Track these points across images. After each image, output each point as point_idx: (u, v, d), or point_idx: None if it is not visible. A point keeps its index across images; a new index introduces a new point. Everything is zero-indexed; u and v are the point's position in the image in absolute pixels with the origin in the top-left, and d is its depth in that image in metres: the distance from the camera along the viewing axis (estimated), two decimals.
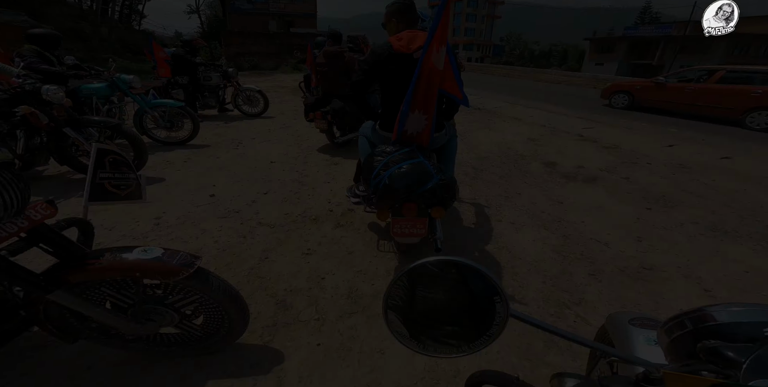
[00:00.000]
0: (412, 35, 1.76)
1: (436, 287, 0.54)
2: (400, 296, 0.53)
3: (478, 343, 0.50)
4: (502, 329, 0.49)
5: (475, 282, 0.52)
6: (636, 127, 6.06)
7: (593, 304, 1.77)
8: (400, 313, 0.53)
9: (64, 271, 1.03)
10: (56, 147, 2.82)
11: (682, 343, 0.45)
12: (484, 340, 0.50)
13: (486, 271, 0.49)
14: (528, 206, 2.83)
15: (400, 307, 0.53)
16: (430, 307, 0.54)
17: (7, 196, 0.90)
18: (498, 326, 0.49)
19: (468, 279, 0.52)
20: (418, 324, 0.53)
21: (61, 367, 1.29)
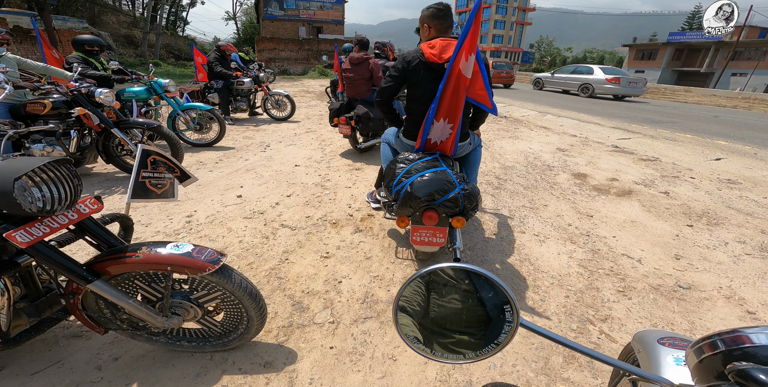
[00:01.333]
0: (445, 44, 1.73)
1: (449, 296, 0.55)
2: (417, 302, 0.55)
3: (486, 350, 0.51)
4: (510, 338, 0.50)
5: (486, 291, 0.53)
6: (680, 138, 5.70)
7: (620, 322, 1.69)
8: (415, 318, 0.54)
9: (104, 263, 1.11)
10: (104, 146, 3.05)
11: (712, 365, 0.43)
12: (491, 348, 0.51)
13: (497, 279, 0.50)
14: (554, 219, 2.73)
15: (417, 312, 0.54)
16: (443, 315, 0.55)
17: (62, 190, 0.99)
18: (507, 335, 0.50)
19: (480, 288, 0.53)
20: (430, 330, 0.54)
21: (91, 357, 1.37)
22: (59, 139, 2.75)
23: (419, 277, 0.52)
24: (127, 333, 1.32)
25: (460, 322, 0.54)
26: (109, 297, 1.10)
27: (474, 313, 0.53)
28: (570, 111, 8.30)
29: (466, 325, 0.54)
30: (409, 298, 0.54)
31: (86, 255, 1.92)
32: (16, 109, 2.74)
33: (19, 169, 0.89)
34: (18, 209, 0.89)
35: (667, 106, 10.48)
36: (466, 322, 0.54)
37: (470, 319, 0.54)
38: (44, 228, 0.98)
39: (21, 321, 1.16)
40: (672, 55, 29.01)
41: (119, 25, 22.45)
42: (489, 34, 54.07)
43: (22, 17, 12.51)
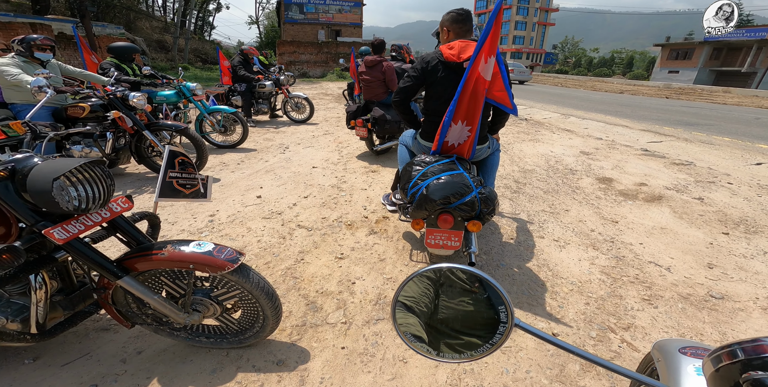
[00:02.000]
0: (464, 45, 1.76)
1: (459, 298, 0.55)
2: (425, 303, 0.56)
3: (481, 350, 0.51)
4: (505, 339, 0.50)
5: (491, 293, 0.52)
6: (717, 141, 5.38)
7: (644, 331, 1.63)
8: (422, 318, 0.55)
9: (133, 259, 1.17)
10: (136, 148, 3.23)
11: (729, 374, 0.41)
12: (486, 348, 0.51)
13: (492, 280, 0.50)
14: (575, 224, 2.64)
15: (424, 313, 0.55)
16: (452, 317, 0.56)
17: (97, 190, 1.05)
18: (501, 336, 0.50)
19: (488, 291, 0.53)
20: (437, 331, 0.55)
21: (117, 350, 1.45)
22: (96, 140, 2.94)
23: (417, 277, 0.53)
24: (152, 327, 1.38)
25: (469, 324, 0.55)
26: (136, 292, 1.16)
27: (483, 315, 0.54)
28: (596, 113, 8.01)
29: (475, 327, 0.54)
30: (417, 298, 0.55)
31: (117, 252, 2.03)
32: (58, 112, 2.95)
33: (57, 169, 0.95)
34: (56, 207, 0.95)
35: (704, 108, 9.92)
36: (475, 324, 0.54)
37: (479, 321, 0.54)
38: (79, 225, 1.05)
39: (56, 314, 1.24)
40: (710, 55, 27.39)
41: (152, 31, 23.69)
42: (510, 35, 53.05)
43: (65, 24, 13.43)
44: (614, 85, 17.51)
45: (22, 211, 0.97)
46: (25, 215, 0.98)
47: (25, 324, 1.14)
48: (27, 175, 0.95)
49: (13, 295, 1.18)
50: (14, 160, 0.99)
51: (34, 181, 0.94)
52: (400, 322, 0.53)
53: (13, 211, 0.97)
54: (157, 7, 30.59)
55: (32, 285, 1.09)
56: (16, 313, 1.14)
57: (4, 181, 0.95)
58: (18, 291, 1.18)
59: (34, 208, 1.00)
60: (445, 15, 1.88)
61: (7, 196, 0.96)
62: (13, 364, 1.35)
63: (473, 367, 1.41)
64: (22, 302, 1.17)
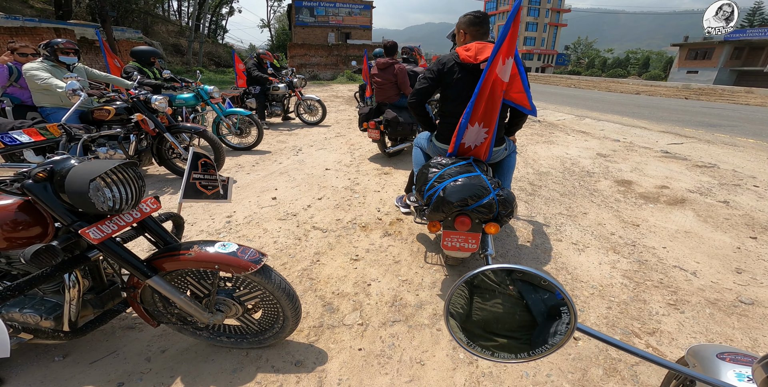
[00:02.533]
0: (480, 46, 1.75)
1: (493, 300, 0.55)
2: (461, 305, 0.57)
3: (540, 351, 0.51)
4: (567, 339, 0.49)
5: (534, 295, 0.52)
6: (741, 143, 5.21)
7: (671, 336, 1.59)
8: (458, 320, 0.55)
9: (161, 259, 1.20)
10: (157, 150, 3.31)
11: None
12: (545, 349, 0.51)
13: (554, 281, 0.50)
14: (594, 227, 2.59)
15: (460, 315, 0.56)
16: (486, 319, 0.56)
17: (129, 191, 1.08)
18: (563, 336, 0.49)
19: (526, 293, 0.53)
20: (472, 333, 0.55)
21: (142, 349, 1.48)
22: (120, 142, 3.03)
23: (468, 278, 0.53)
24: (176, 327, 1.41)
25: (504, 326, 0.54)
26: (164, 292, 1.19)
27: (519, 317, 0.54)
28: (612, 114, 7.85)
29: (510, 329, 0.54)
30: (453, 301, 0.55)
31: (141, 251, 2.08)
32: (85, 115, 3.05)
33: (93, 171, 0.99)
34: (91, 208, 0.98)
35: (726, 109, 9.62)
36: (510, 326, 0.54)
37: (515, 323, 0.54)
38: (113, 226, 1.08)
39: (87, 311, 1.28)
40: (730, 54, 26.56)
41: (168, 35, 24.30)
42: (521, 36, 52.38)
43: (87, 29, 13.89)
44: (630, 86, 17.12)
45: (60, 212, 1.01)
46: (62, 215, 1.01)
47: (58, 321, 1.18)
48: (65, 176, 0.99)
49: (47, 293, 1.22)
50: (53, 162, 1.03)
51: (71, 182, 0.97)
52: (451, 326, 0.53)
53: (51, 211, 1.01)
54: (172, 11, 31.43)
55: (66, 283, 1.13)
56: (50, 310, 1.18)
57: (43, 181, 0.99)
58: (52, 289, 1.22)
59: (71, 208, 1.03)
60: (461, 17, 1.88)
61: (46, 197, 1.00)
62: (43, 361, 1.40)
63: (492, 370, 1.40)
64: (56, 300, 1.22)
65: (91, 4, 18.64)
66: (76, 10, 18.05)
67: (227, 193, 1.75)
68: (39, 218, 1.04)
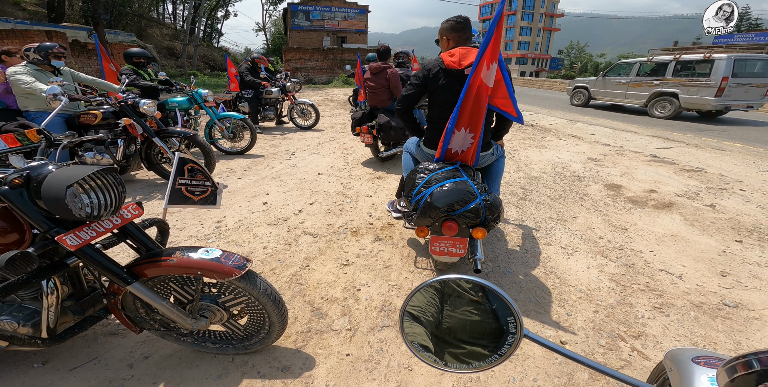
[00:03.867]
0: (464, 52, 1.77)
1: (463, 308, 0.56)
2: (431, 313, 0.57)
3: (490, 360, 0.51)
4: (514, 349, 0.50)
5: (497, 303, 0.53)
6: (727, 147, 5.30)
7: (656, 339, 1.60)
8: (428, 328, 0.56)
9: (142, 265, 1.18)
10: (146, 154, 3.29)
11: (743, 385, 0.40)
12: (495, 358, 0.51)
13: (500, 291, 0.51)
14: (583, 231, 2.61)
15: (430, 322, 0.56)
16: (456, 326, 0.57)
17: (108, 197, 1.07)
18: (510, 346, 0.50)
19: (493, 301, 0.54)
20: (442, 341, 0.56)
21: (125, 355, 1.46)
22: (108, 147, 3.00)
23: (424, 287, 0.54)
24: (159, 333, 1.40)
25: (473, 334, 0.55)
26: (145, 298, 1.17)
27: (487, 325, 0.54)
28: (603, 119, 7.96)
29: (479, 337, 0.54)
30: (423, 308, 0.55)
31: (126, 257, 2.06)
32: (71, 119, 3.02)
33: (70, 177, 0.98)
34: (69, 214, 0.97)
35: None
36: (479, 333, 0.54)
37: (483, 330, 0.54)
38: (91, 232, 1.07)
39: (67, 318, 1.26)
40: None
41: (162, 38, 24.25)
42: (515, 41, 53.19)
43: (79, 32, 13.80)
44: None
45: (36, 218, 1.00)
46: (38, 222, 1.00)
47: (36, 328, 1.16)
48: (41, 182, 0.98)
49: (25, 299, 1.20)
50: (29, 168, 1.02)
51: (48, 188, 0.96)
52: (407, 331, 0.54)
53: (27, 217, 1.00)
54: (167, 14, 31.38)
55: (44, 290, 1.11)
56: (28, 317, 1.16)
57: (19, 188, 0.98)
58: (30, 296, 1.20)
59: (48, 214, 1.02)
60: (443, 23, 1.89)
61: (22, 203, 0.98)
62: (22, 367, 1.37)
63: (479, 375, 1.40)
64: (34, 307, 1.20)
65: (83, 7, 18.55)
66: (68, 13, 17.94)
67: (216, 199, 1.73)
68: (16, 225, 1.02)
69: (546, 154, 4.87)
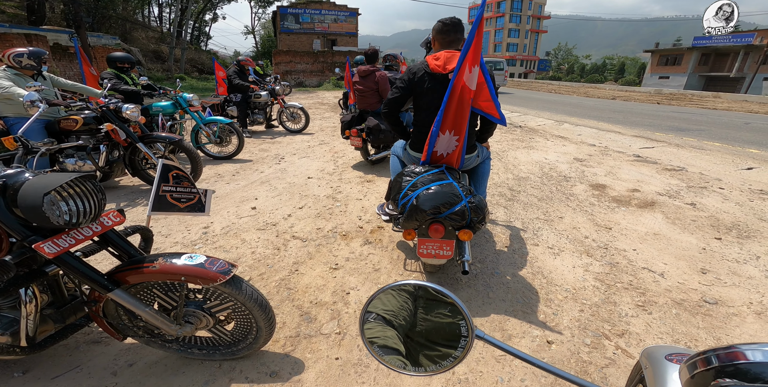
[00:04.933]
0: (449, 56, 1.78)
1: (437, 310, 0.57)
2: (404, 317, 0.58)
3: (445, 363, 0.52)
4: (467, 352, 0.50)
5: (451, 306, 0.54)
6: (707, 147, 5.47)
7: (639, 337, 1.64)
8: (400, 331, 0.57)
9: (124, 272, 1.17)
10: (130, 160, 3.23)
11: (703, 381, 0.41)
12: (450, 361, 0.52)
13: (449, 293, 0.52)
14: (569, 231, 2.66)
15: (403, 326, 0.57)
16: (430, 329, 0.58)
17: (88, 204, 1.06)
18: (462, 349, 0.51)
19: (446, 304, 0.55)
20: (417, 343, 0.57)
21: (108, 363, 1.43)
22: (90, 153, 2.94)
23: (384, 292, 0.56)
24: (143, 340, 1.38)
25: (445, 336, 0.56)
26: (127, 305, 1.16)
27: (461, 326, 0.55)
28: (589, 120, 8.13)
29: (452, 339, 0.55)
30: (396, 312, 0.56)
31: (110, 264, 2.02)
32: (51, 125, 2.96)
33: (47, 185, 0.96)
34: (46, 222, 0.96)
35: (695, 113, 10.08)
36: (451, 335, 0.55)
37: (456, 332, 0.55)
38: (70, 239, 1.05)
39: (47, 327, 1.23)
40: (698, 60, 27.98)
41: (148, 41, 23.86)
42: (503, 42, 53.96)
43: (61, 35, 13.47)
44: (607, 91, 17.79)
45: (13, 226, 0.98)
46: (15, 230, 0.98)
47: (14, 337, 1.13)
48: (18, 190, 0.96)
49: (3, 308, 1.18)
50: (5, 176, 1.00)
51: (24, 196, 0.95)
52: (377, 334, 0.55)
53: (4, 225, 0.98)
54: (153, 17, 30.95)
55: (22, 298, 1.09)
56: (6, 326, 1.14)
57: None
58: (8, 305, 1.17)
59: (25, 223, 1.00)
60: (436, 23, 1.90)
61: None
62: (2, 377, 1.33)
63: (468, 376, 1.41)
64: (12, 316, 1.17)
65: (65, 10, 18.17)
66: (49, 16, 17.55)
67: (204, 206, 1.71)
68: None
69: (534, 155, 4.95)
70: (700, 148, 5.37)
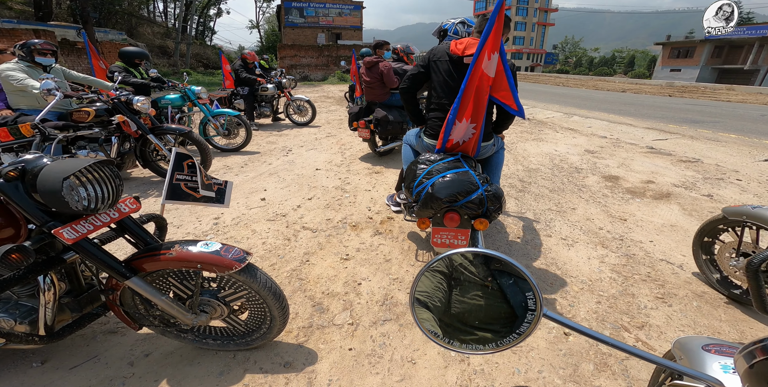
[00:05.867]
0: (472, 42, 1.78)
1: (472, 292, 0.54)
2: (439, 298, 0.55)
3: (508, 340, 0.50)
4: (533, 328, 0.48)
5: (510, 285, 0.51)
6: (723, 138, 5.33)
7: (660, 329, 1.60)
8: (435, 314, 0.54)
9: (141, 260, 1.16)
10: (141, 152, 3.23)
11: (764, 370, 0.39)
12: (513, 338, 0.50)
13: (518, 265, 0.50)
14: (583, 222, 2.62)
15: (438, 308, 0.54)
16: (465, 312, 0.55)
17: (106, 190, 1.05)
18: (530, 324, 0.48)
19: (504, 284, 0.52)
20: (451, 327, 0.54)
21: (125, 353, 1.44)
22: (101, 145, 2.95)
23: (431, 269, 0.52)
24: (159, 329, 1.37)
25: (483, 319, 0.53)
26: (144, 293, 1.15)
27: (498, 309, 0.53)
28: (599, 112, 7.98)
29: (489, 322, 0.53)
30: (431, 293, 0.54)
31: (124, 254, 2.03)
32: (63, 117, 2.96)
33: (66, 169, 0.96)
34: (65, 207, 0.95)
35: (708, 105, 9.85)
36: (489, 318, 0.53)
37: (493, 315, 0.53)
38: (88, 225, 1.05)
39: (65, 316, 1.23)
40: (711, 53, 27.29)
41: (153, 36, 23.89)
42: (510, 36, 52.80)
43: (68, 30, 13.54)
44: (616, 84, 17.45)
45: (32, 211, 0.97)
46: (34, 215, 0.98)
47: (33, 326, 1.13)
48: (37, 175, 0.95)
49: (22, 297, 1.18)
50: (24, 161, 1.00)
51: (44, 180, 0.94)
52: (420, 317, 0.52)
53: (23, 211, 0.97)
54: (158, 12, 30.92)
55: (41, 286, 1.08)
56: (25, 315, 1.14)
57: (14, 181, 0.95)
58: (26, 293, 1.17)
59: (44, 208, 0.99)
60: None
61: (17, 196, 0.96)
62: (21, 367, 1.34)
63: (483, 367, 1.39)
64: (31, 304, 1.17)
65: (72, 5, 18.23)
66: (56, 12, 17.63)
67: (225, 198, 1.68)
68: (11, 219, 1.00)
69: (543, 147, 4.87)
70: (715, 139, 5.24)
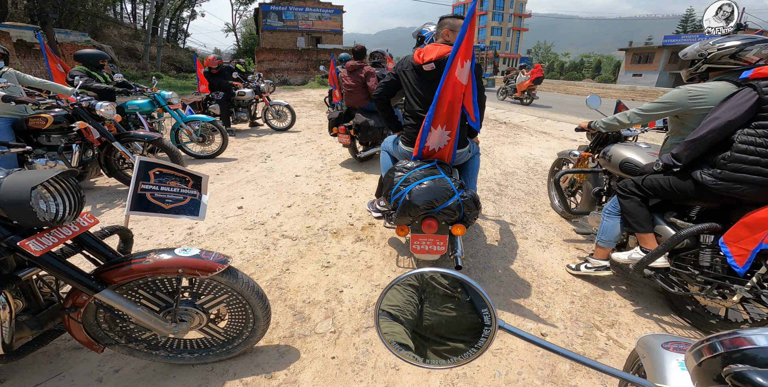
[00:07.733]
0: (432, 48, 1.81)
1: (443, 304, 0.56)
2: (410, 311, 0.56)
3: (467, 355, 0.51)
4: (490, 342, 0.50)
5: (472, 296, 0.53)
6: None
7: (629, 327, 1.68)
8: (407, 326, 0.55)
9: (110, 271, 1.12)
10: (105, 160, 3.08)
11: (711, 368, 0.42)
12: (472, 352, 0.51)
13: (472, 282, 0.51)
14: (556, 224, 2.72)
15: (410, 321, 0.55)
16: (437, 324, 0.57)
17: (69, 202, 1.01)
18: (486, 339, 0.50)
19: (471, 294, 0.54)
20: (424, 339, 0.55)
21: (92, 369, 1.36)
22: (61, 153, 2.78)
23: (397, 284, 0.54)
24: (125, 349, 1.31)
25: (454, 330, 0.55)
26: (117, 306, 1.10)
27: (468, 320, 0.54)
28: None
29: (461, 333, 0.54)
30: (402, 307, 0.55)
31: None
32: (19, 124, 2.77)
33: (33, 179, 0.92)
34: (32, 218, 0.91)
35: None
36: (460, 329, 0.54)
37: (465, 326, 0.54)
38: (53, 238, 1.00)
39: (23, 333, 1.16)
40: (669, 58, 29.16)
41: (121, 38, 22.88)
42: (486, 40, 54.67)
43: (25, 31, 12.73)
44: (585, 89, 18.33)
45: None
46: None
47: None
48: None
49: None
50: None
51: (8, 192, 0.89)
52: (385, 330, 0.53)
53: None
54: (126, 14, 29.68)
55: None
56: None
57: None
58: None
59: (2, 222, 0.94)
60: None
61: None
62: None
63: (465, 371, 1.41)
64: None
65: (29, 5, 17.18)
66: (12, 12, 16.56)
67: (199, 210, 1.58)
68: None
69: (519, 150, 5.04)
70: None
